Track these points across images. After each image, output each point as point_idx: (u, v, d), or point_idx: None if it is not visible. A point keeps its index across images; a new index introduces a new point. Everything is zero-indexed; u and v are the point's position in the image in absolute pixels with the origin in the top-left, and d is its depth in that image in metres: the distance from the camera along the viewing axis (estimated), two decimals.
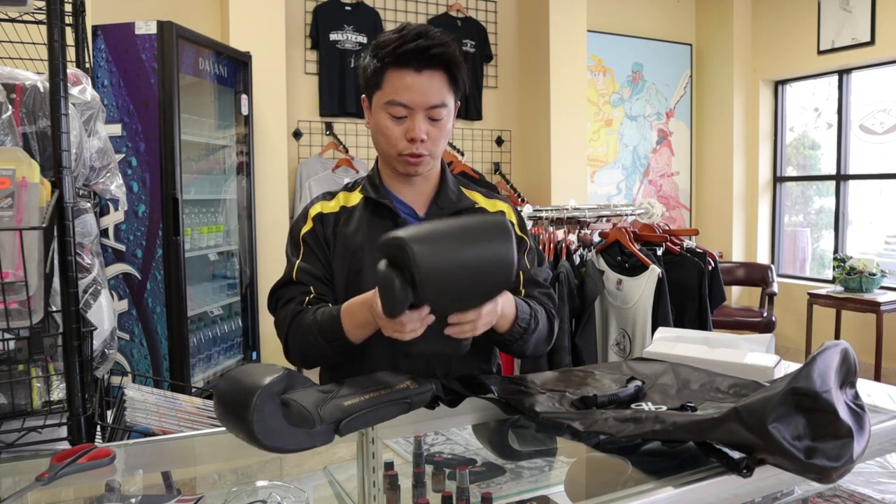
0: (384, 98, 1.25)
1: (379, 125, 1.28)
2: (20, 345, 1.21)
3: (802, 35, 5.27)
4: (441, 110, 1.26)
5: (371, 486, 1.07)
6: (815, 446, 0.83)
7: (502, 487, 1.11)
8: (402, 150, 1.27)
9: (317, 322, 1.21)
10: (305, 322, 1.23)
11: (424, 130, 1.25)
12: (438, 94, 1.25)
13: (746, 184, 5.73)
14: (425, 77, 1.23)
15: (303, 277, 1.29)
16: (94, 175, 1.50)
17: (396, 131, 1.26)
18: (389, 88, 1.24)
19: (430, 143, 1.27)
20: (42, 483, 0.92)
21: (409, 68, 1.22)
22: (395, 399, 1.00)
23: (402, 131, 1.26)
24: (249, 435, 0.87)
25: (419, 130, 1.24)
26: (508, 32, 5.05)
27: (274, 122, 3.92)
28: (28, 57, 1.77)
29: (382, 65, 1.24)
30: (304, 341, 1.24)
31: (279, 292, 1.32)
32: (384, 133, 1.27)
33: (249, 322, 3.70)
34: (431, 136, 1.27)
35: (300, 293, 1.28)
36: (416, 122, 1.24)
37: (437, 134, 1.28)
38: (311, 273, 1.30)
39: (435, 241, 0.96)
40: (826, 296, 4.57)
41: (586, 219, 3.20)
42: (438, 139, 1.29)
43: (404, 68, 1.23)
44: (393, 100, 1.24)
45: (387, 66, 1.24)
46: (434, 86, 1.24)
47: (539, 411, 1.06)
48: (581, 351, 2.87)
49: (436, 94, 1.25)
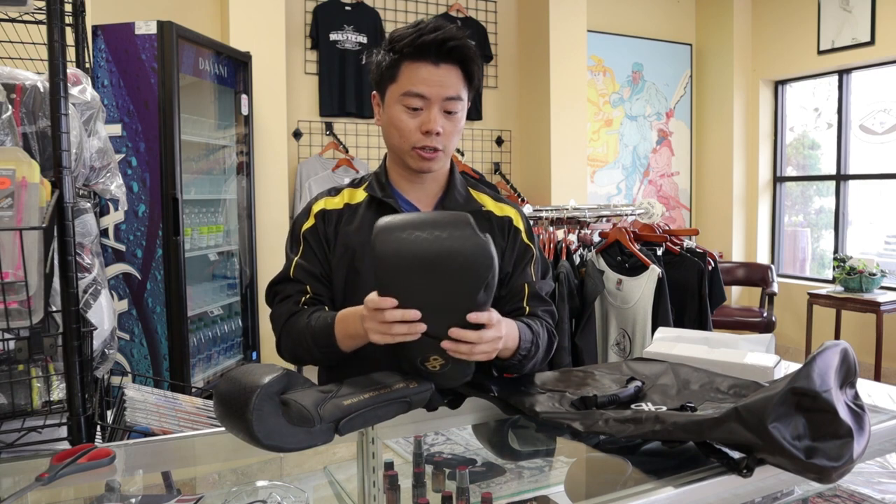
0: (400, 90, 1.24)
1: (392, 118, 1.26)
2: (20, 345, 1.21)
3: (802, 35, 5.27)
4: (457, 103, 1.26)
5: (371, 486, 1.07)
6: (815, 446, 0.83)
7: (502, 487, 1.11)
8: (416, 143, 1.25)
9: (310, 327, 1.20)
10: (300, 325, 1.22)
11: (440, 123, 1.24)
12: (455, 87, 1.25)
13: (746, 184, 5.73)
14: (442, 70, 1.23)
15: (300, 275, 1.29)
16: (94, 175, 1.50)
17: (411, 124, 1.25)
18: (405, 80, 1.24)
19: (444, 137, 1.26)
20: (42, 483, 0.92)
21: (426, 61, 1.22)
22: (394, 398, 1.00)
23: (417, 124, 1.25)
24: (249, 434, 0.87)
25: (435, 122, 1.23)
26: (508, 32, 5.05)
27: (274, 122, 3.92)
28: (28, 57, 1.77)
29: (399, 56, 1.24)
30: (297, 344, 1.23)
31: (276, 287, 1.32)
32: (398, 126, 1.26)
33: (249, 322, 3.70)
34: (446, 131, 1.26)
35: (296, 291, 1.28)
36: (431, 113, 1.24)
37: (452, 129, 1.27)
38: (308, 271, 1.29)
39: (398, 227, 0.98)
40: (826, 296, 4.57)
41: (586, 219, 3.20)
42: (452, 134, 1.28)
43: (421, 61, 1.23)
44: (410, 90, 1.23)
45: (403, 59, 1.23)
46: (451, 79, 1.24)
47: (539, 411, 1.06)
48: (581, 351, 2.87)
49: (452, 86, 1.25)
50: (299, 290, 1.28)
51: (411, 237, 0.97)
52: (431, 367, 1.04)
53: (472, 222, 1.00)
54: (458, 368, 1.05)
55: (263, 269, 3.69)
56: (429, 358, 1.03)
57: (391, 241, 0.97)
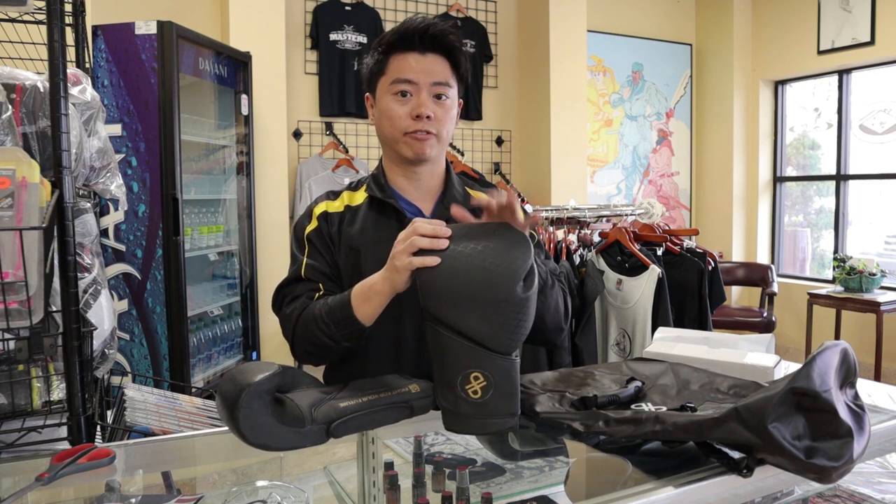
0: (388, 80, 1.27)
1: (384, 109, 1.29)
2: (20, 345, 1.21)
3: (802, 35, 5.27)
4: (446, 89, 1.28)
5: (371, 486, 1.07)
6: (815, 446, 0.83)
7: (502, 487, 1.11)
8: (408, 128, 1.27)
9: (327, 305, 1.16)
10: (315, 310, 1.18)
11: (430, 108, 1.26)
12: (443, 74, 1.28)
13: (746, 184, 5.73)
14: (429, 58, 1.27)
15: (312, 274, 1.27)
16: (94, 175, 1.50)
17: (401, 110, 1.26)
18: (394, 70, 1.27)
19: (435, 122, 1.27)
20: (42, 483, 0.92)
21: (412, 51, 1.26)
22: (394, 403, 0.99)
23: (407, 110, 1.26)
24: (237, 431, 0.88)
25: (425, 106, 1.25)
26: (508, 32, 5.05)
27: (274, 122, 3.92)
28: (28, 57, 1.77)
29: (387, 49, 1.28)
30: (312, 330, 1.17)
31: (287, 289, 1.29)
32: (389, 114, 1.28)
33: (249, 322, 3.70)
34: (437, 115, 1.27)
35: (309, 290, 1.26)
36: (420, 97, 1.26)
37: (443, 114, 1.28)
38: (319, 270, 1.28)
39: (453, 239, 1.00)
40: (826, 296, 4.57)
41: (586, 219, 3.20)
42: (444, 120, 1.29)
43: (408, 51, 1.26)
44: (398, 77, 1.26)
45: (391, 51, 1.27)
46: (438, 66, 1.27)
47: (539, 411, 1.06)
48: (581, 351, 2.87)
49: (440, 73, 1.27)
50: (312, 288, 1.26)
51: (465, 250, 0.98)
52: (473, 393, 0.96)
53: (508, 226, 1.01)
54: (502, 398, 0.97)
55: (263, 269, 3.69)
56: (469, 377, 0.96)
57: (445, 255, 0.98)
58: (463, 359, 0.96)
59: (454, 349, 0.96)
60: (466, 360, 0.96)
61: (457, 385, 0.96)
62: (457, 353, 0.96)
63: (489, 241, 0.98)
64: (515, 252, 0.98)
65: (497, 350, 0.97)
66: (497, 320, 0.96)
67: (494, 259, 0.96)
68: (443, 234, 1.00)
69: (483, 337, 0.96)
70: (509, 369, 0.98)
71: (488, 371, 0.96)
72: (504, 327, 0.96)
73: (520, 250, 0.98)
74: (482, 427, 0.98)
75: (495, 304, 0.95)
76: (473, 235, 0.99)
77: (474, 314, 0.95)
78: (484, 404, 0.96)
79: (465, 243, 0.98)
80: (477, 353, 0.96)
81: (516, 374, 1.00)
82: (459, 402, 0.96)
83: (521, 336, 0.99)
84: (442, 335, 0.97)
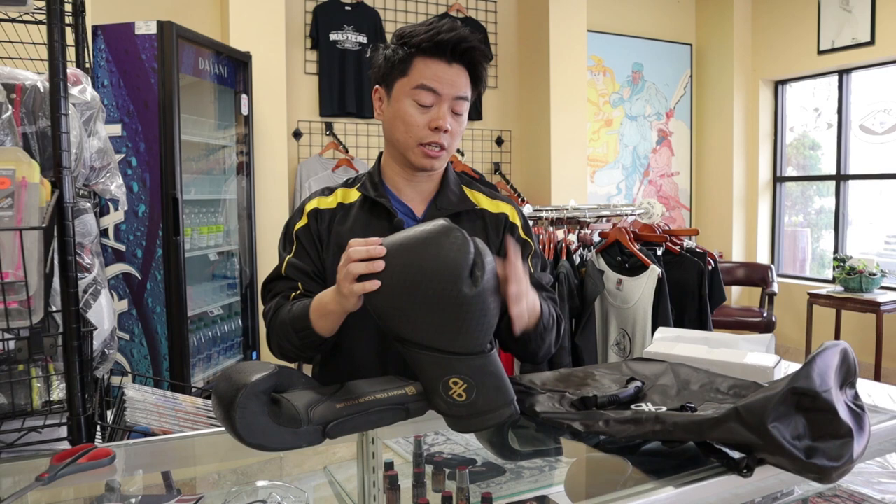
0: (411, 84, 1.24)
1: (400, 112, 1.26)
2: (20, 345, 1.21)
3: (802, 35, 5.27)
4: (464, 104, 1.28)
5: (371, 486, 1.07)
6: (815, 446, 0.83)
7: (502, 487, 1.11)
8: (423, 138, 1.26)
9: (291, 312, 1.18)
10: (282, 314, 1.21)
11: (448, 122, 1.25)
12: (464, 88, 1.27)
13: (746, 184, 5.73)
14: (454, 69, 1.25)
15: (291, 273, 1.29)
16: (94, 175, 1.50)
17: (420, 119, 1.25)
18: (417, 74, 1.24)
19: (449, 136, 1.27)
20: (42, 483, 0.92)
21: (440, 59, 1.24)
22: (390, 404, 0.98)
23: (426, 120, 1.25)
24: (233, 431, 0.87)
25: (445, 119, 1.24)
26: (508, 32, 5.05)
27: (274, 122, 3.92)
28: (28, 57, 1.77)
29: (414, 51, 1.24)
30: (280, 335, 1.21)
31: (269, 286, 1.32)
32: (406, 120, 1.26)
33: (249, 322, 3.70)
34: (452, 130, 1.27)
35: (288, 288, 1.28)
36: (442, 110, 1.25)
37: (457, 129, 1.29)
38: (300, 269, 1.29)
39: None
40: (826, 296, 4.57)
41: (586, 219, 3.20)
42: (457, 135, 1.29)
43: (436, 58, 1.24)
44: (423, 84, 1.23)
45: (417, 54, 1.24)
46: (461, 79, 1.26)
47: (539, 411, 1.06)
48: (581, 351, 2.87)
49: (462, 87, 1.26)
50: (290, 286, 1.28)
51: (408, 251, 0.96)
52: (458, 397, 0.95)
53: (436, 228, 0.96)
54: (489, 393, 0.96)
55: (263, 269, 3.68)
56: (448, 383, 0.95)
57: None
58: (436, 369, 0.95)
59: (424, 361, 0.96)
60: (439, 369, 0.95)
61: (441, 393, 0.96)
62: (429, 365, 0.96)
63: (424, 249, 0.94)
64: (451, 253, 0.93)
65: (465, 352, 0.95)
66: (453, 325, 0.94)
67: (431, 265, 0.93)
68: (377, 254, 0.96)
69: (445, 344, 0.94)
70: (486, 365, 0.96)
71: (464, 374, 0.95)
72: (462, 329, 0.94)
73: (455, 249, 0.94)
74: (481, 424, 0.98)
75: (445, 309, 0.93)
76: (407, 246, 0.96)
77: (428, 325, 0.94)
78: (472, 404, 0.96)
79: (401, 256, 0.95)
80: (446, 361, 0.95)
81: (496, 366, 0.98)
82: (451, 407, 0.96)
83: (484, 332, 0.96)
84: (409, 351, 0.97)
